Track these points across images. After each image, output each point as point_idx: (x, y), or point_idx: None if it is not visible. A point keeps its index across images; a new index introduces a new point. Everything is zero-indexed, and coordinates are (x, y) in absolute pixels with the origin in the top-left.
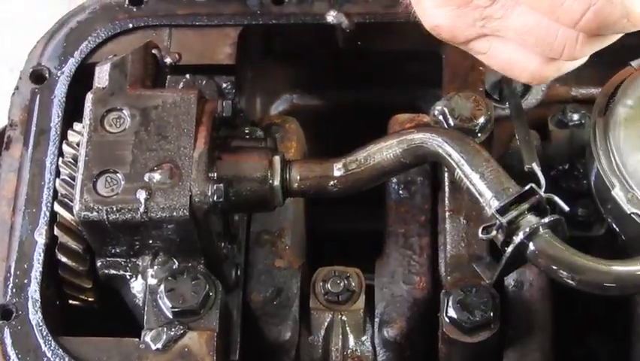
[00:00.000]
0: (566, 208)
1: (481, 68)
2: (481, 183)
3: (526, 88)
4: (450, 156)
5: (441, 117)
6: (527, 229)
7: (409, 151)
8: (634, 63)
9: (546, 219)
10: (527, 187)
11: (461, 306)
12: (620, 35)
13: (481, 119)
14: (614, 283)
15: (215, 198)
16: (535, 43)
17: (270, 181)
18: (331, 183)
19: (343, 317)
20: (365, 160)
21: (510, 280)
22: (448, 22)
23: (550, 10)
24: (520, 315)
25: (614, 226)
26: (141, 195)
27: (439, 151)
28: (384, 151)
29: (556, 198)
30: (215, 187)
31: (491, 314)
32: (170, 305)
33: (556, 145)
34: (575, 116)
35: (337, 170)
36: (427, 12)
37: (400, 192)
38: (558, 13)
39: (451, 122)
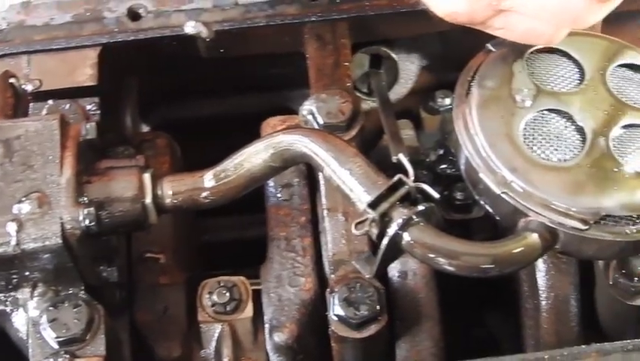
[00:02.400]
0: (436, 195)
1: (346, 63)
2: (350, 179)
3: (394, 78)
4: (317, 155)
5: (310, 117)
6: (400, 220)
7: (277, 155)
8: (490, 45)
9: (418, 208)
10: (396, 179)
11: (347, 303)
12: None
13: (350, 114)
14: (492, 264)
15: (86, 222)
16: (549, 16)
17: (142, 200)
18: (203, 195)
19: (233, 327)
20: (235, 168)
21: (394, 272)
22: (466, 6)
23: None
24: (406, 305)
25: (488, 207)
26: (11, 227)
27: (306, 152)
28: (252, 158)
29: (425, 187)
30: (85, 212)
31: (378, 308)
32: (54, 335)
33: (429, 132)
34: (446, 101)
35: (208, 181)
36: (441, 0)
37: (278, 195)
38: None
39: (320, 120)
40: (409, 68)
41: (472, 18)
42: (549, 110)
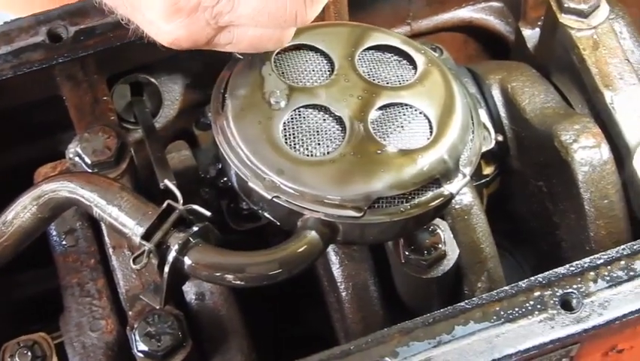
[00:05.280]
0: (208, 214)
1: (105, 97)
2: (120, 214)
3: (159, 102)
4: (83, 198)
5: (77, 159)
6: (176, 246)
7: (43, 205)
8: (237, 53)
9: (191, 230)
10: (164, 205)
11: (149, 336)
12: None
13: (116, 149)
14: (279, 268)
15: None
16: (269, 21)
17: None
18: None
19: None
20: (6, 227)
21: (191, 295)
22: (184, 31)
23: None
24: (210, 325)
25: (266, 215)
26: None
27: (72, 197)
28: (20, 213)
29: (196, 207)
30: None
31: (180, 335)
32: None
33: (205, 148)
34: None
35: None
36: (161, 30)
37: (63, 242)
38: None
39: (87, 160)
40: (173, 89)
41: (195, 41)
42: (305, 106)
